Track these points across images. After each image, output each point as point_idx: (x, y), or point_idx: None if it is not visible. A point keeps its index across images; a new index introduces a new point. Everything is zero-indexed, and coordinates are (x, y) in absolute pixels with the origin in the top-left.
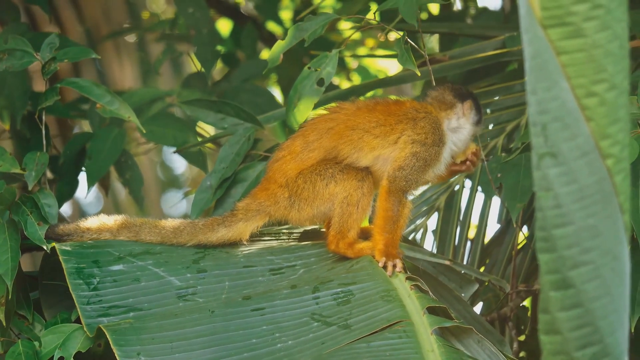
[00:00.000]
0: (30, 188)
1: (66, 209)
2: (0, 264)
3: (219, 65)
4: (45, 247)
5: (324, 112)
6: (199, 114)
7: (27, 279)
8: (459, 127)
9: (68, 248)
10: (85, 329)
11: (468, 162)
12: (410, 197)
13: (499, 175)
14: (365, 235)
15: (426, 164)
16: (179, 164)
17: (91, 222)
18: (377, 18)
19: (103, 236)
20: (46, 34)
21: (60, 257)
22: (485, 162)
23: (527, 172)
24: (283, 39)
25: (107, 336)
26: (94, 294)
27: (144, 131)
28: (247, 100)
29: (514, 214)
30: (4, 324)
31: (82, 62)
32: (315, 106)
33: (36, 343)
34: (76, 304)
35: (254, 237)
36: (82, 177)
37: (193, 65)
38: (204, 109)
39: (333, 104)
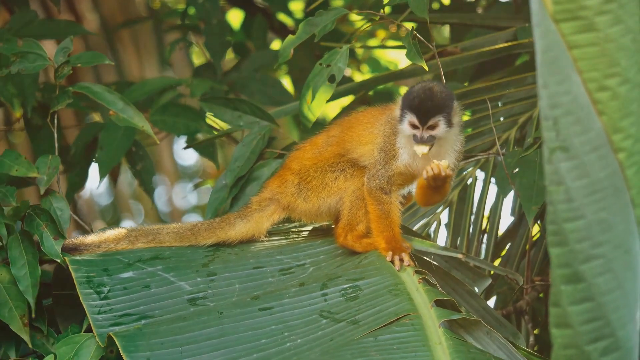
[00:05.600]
0: (42, 192)
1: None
2: (19, 279)
3: (230, 55)
4: (61, 263)
5: (355, 112)
6: (216, 111)
7: (40, 287)
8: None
9: (77, 257)
10: (97, 338)
11: (427, 168)
12: (390, 193)
13: (515, 171)
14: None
15: (387, 155)
16: (191, 155)
17: (108, 233)
18: (388, 10)
19: (121, 245)
20: (55, 21)
21: (70, 267)
22: (502, 157)
23: (542, 171)
24: (294, 30)
25: (117, 343)
26: (105, 303)
27: (158, 142)
28: (258, 90)
29: (530, 217)
30: (30, 346)
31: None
32: (328, 100)
33: (50, 356)
34: (87, 314)
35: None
36: (92, 167)
37: (204, 55)
38: (221, 106)
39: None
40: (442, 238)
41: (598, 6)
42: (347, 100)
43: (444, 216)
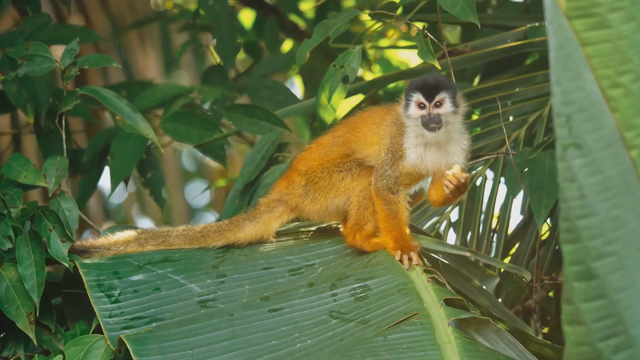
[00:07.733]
0: (50, 194)
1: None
2: (25, 278)
3: (242, 55)
4: (67, 266)
5: (361, 112)
6: (236, 119)
7: (49, 286)
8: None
9: (87, 261)
10: (108, 342)
11: (445, 183)
12: (397, 193)
13: (524, 171)
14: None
15: (394, 156)
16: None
17: (118, 236)
18: (400, 11)
19: (130, 248)
20: (68, 26)
21: (80, 271)
22: (512, 157)
23: (552, 174)
24: (305, 30)
25: (128, 347)
26: (116, 307)
27: (162, 151)
28: (267, 97)
29: (540, 221)
30: (35, 343)
31: (106, 52)
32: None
33: (59, 357)
34: (98, 318)
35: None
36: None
37: (213, 57)
38: (240, 114)
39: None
40: (452, 237)
41: (611, 3)
42: (357, 99)
43: (454, 215)
